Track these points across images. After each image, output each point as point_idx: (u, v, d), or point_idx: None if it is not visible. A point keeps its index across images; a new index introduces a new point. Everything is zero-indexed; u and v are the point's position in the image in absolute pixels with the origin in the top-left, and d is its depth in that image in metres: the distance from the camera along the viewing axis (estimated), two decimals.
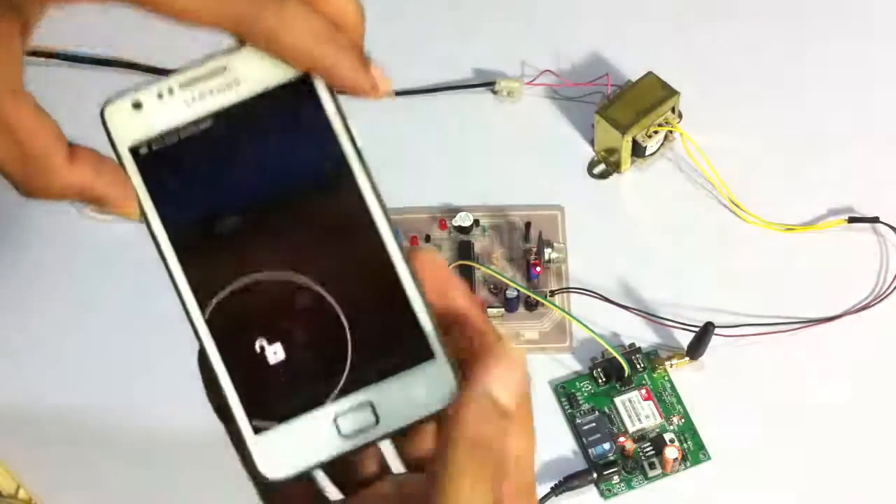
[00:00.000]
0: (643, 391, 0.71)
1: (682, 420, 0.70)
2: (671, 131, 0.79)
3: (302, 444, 0.33)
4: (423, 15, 0.88)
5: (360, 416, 0.33)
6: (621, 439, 0.69)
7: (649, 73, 0.79)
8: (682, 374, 0.72)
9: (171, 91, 0.32)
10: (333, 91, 0.32)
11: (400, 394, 0.33)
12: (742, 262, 0.76)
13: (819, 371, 0.72)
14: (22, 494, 0.69)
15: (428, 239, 0.77)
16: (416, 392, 0.33)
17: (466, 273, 0.74)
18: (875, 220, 0.77)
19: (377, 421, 0.33)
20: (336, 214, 0.33)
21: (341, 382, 0.33)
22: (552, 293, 0.75)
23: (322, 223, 0.33)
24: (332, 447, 0.33)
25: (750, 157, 0.80)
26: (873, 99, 0.83)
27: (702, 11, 0.87)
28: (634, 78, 0.79)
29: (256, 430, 0.33)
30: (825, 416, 0.71)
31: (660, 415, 0.70)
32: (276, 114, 0.32)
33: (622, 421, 0.70)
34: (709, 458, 0.69)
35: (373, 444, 0.33)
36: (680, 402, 0.71)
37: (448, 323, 0.33)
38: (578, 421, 0.70)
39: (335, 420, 0.33)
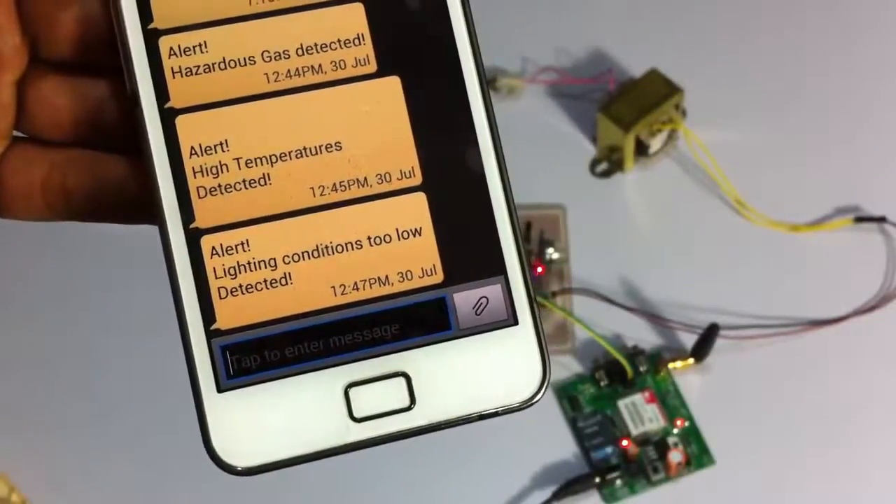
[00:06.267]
0: (646, 394, 0.70)
1: (687, 423, 0.69)
2: (675, 129, 0.78)
3: (288, 421, 0.22)
4: None
5: (387, 393, 0.23)
6: (624, 443, 0.68)
7: (653, 70, 0.78)
8: (686, 376, 0.71)
9: None
10: None
11: (454, 370, 0.23)
12: (747, 263, 0.75)
13: (825, 373, 0.71)
14: (15, 499, 0.69)
15: None
16: (479, 372, 0.23)
17: None
18: (882, 219, 0.76)
19: (411, 404, 0.23)
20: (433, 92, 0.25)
21: (366, 332, 0.23)
22: (553, 294, 0.74)
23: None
24: (333, 434, 0.22)
25: (755, 155, 0.79)
26: (879, 96, 0.82)
27: (706, 7, 0.86)
28: (637, 75, 0.78)
29: (221, 387, 0.22)
30: (831, 420, 0.70)
31: (663, 418, 0.69)
32: None
33: (625, 424, 0.69)
34: (713, 462, 0.68)
35: (398, 439, 0.23)
36: (684, 404, 0.70)
37: None
38: (580, 424, 0.69)
39: (346, 392, 0.22)
